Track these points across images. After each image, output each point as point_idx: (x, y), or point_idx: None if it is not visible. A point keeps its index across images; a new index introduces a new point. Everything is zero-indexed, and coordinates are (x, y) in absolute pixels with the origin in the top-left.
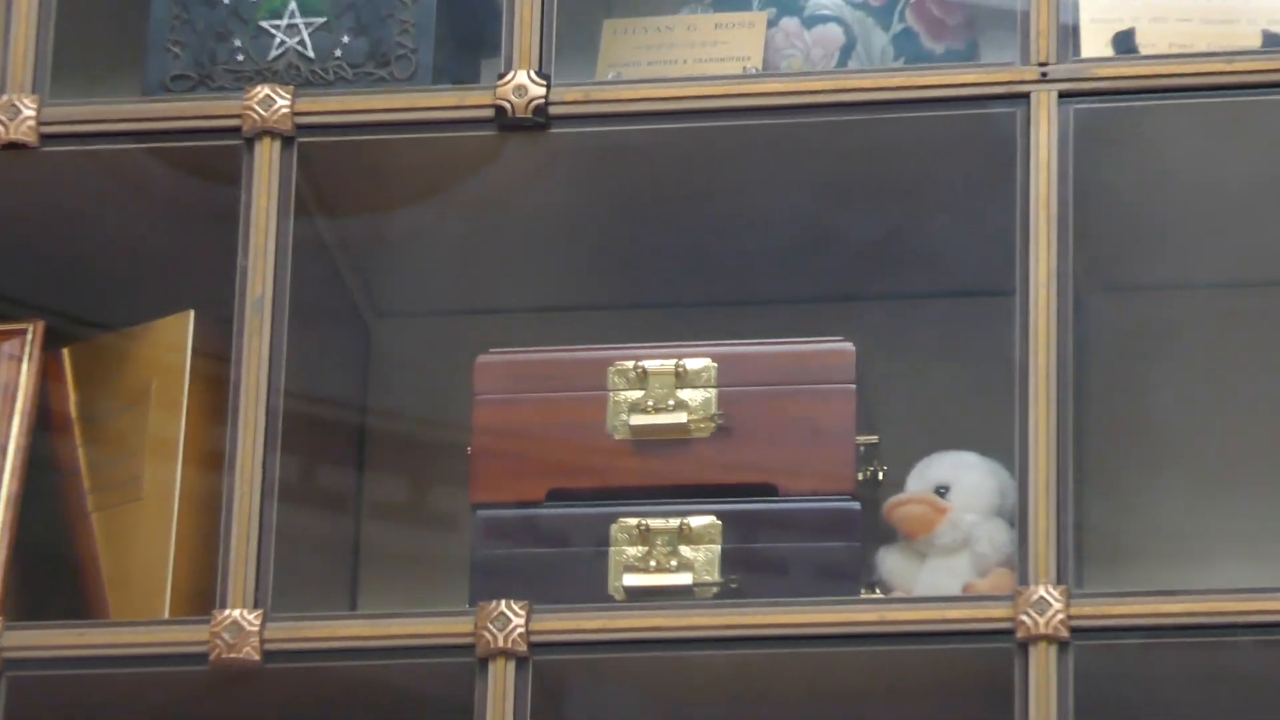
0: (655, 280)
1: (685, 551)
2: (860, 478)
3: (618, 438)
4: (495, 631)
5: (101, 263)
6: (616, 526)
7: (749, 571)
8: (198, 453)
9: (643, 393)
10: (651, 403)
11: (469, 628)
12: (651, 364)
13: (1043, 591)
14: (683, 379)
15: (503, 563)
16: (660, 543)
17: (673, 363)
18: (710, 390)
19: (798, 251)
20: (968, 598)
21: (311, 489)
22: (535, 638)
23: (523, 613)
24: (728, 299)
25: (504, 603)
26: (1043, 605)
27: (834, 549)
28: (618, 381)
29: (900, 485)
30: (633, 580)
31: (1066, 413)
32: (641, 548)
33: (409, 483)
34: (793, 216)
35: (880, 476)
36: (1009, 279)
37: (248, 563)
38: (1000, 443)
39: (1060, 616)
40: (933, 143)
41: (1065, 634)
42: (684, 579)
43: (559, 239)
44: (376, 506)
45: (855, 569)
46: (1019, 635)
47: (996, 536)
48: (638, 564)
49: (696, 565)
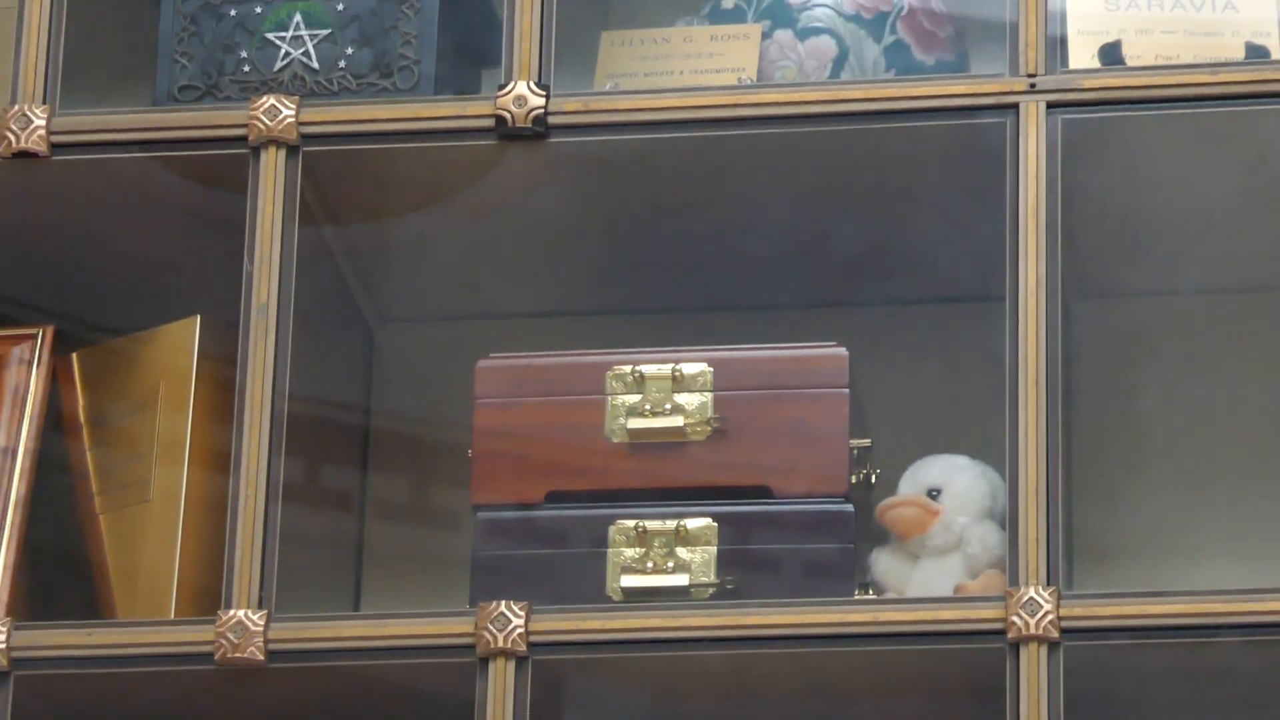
0: (652, 286)
1: (682, 553)
2: (853, 480)
3: (615, 440)
4: (495, 631)
5: (110, 269)
6: (614, 528)
7: (744, 572)
8: (204, 455)
9: (640, 396)
10: (649, 406)
11: (469, 628)
12: (649, 368)
13: (1033, 592)
14: (679, 383)
15: (502, 563)
16: (657, 544)
17: (670, 367)
18: (706, 394)
19: (792, 258)
20: (959, 599)
21: (315, 491)
22: (534, 637)
23: (522, 613)
24: (723, 305)
25: (504, 603)
26: (1033, 606)
27: (828, 550)
28: (616, 385)
29: (893, 488)
30: (630, 581)
31: (1056, 416)
32: (639, 549)
33: (411, 484)
34: (787, 224)
35: (873, 479)
36: (999, 285)
37: (253, 563)
38: (991, 446)
39: (1050, 617)
40: (923, 152)
41: (1055, 634)
42: (681, 580)
43: (558, 246)
44: (379, 508)
45: (849, 570)
46: (1010, 636)
47: (987, 538)
48: (635, 565)
49: (693, 566)
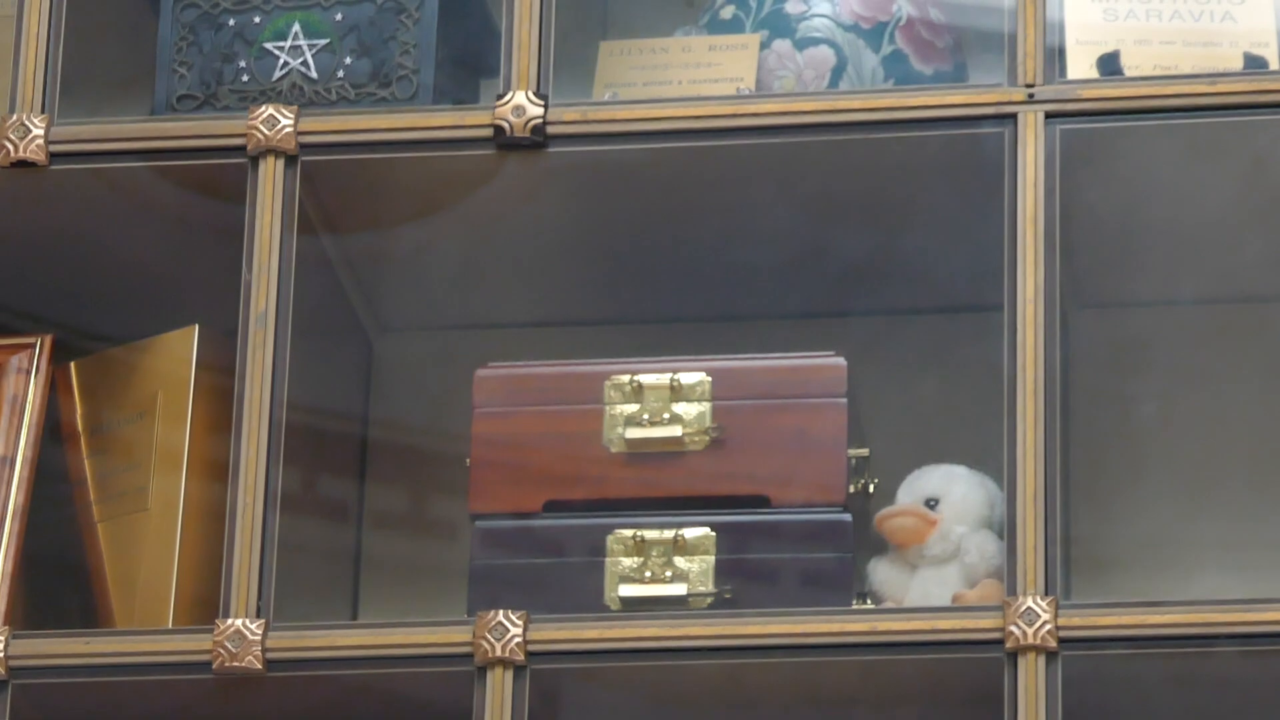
0: (651, 296)
1: (680, 562)
2: (851, 489)
3: (614, 450)
4: (493, 640)
5: (108, 278)
6: (612, 537)
7: (742, 582)
8: (202, 464)
9: (638, 406)
10: (647, 416)
11: (467, 637)
12: (647, 378)
13: (1031, 602)
14: (677, 392)
15: (500, 572)
16: (655, 553)
17: (668, 376)
18: (704, 404)
19: (790, 268)
20: (957, 608)
21: (313, 500)
22: (532, 647)
23: (520, 622)
24: (722, 314)
25: (502, 612)
26: (1031, 616)
27: (826, 560)
28: (614, 395)
29: (891, 497)
30: (628, 590)
31: (1054, 426)
32: (637, 558)
33: (409, 493)
34: (785, 233)
35: (871, 488)
36: (997, 295)
37: (250, 572)
38: (989, 455)
39: (1048, 627)
40: (922, 162)
41: (1053, 644)
42: (678, 589)
43: (556, 255)
44: (377, 517)
45: (847, 579)
46: (1008, 645)
47: (985, 547)
48: (633, 574)
49: (691, 576)
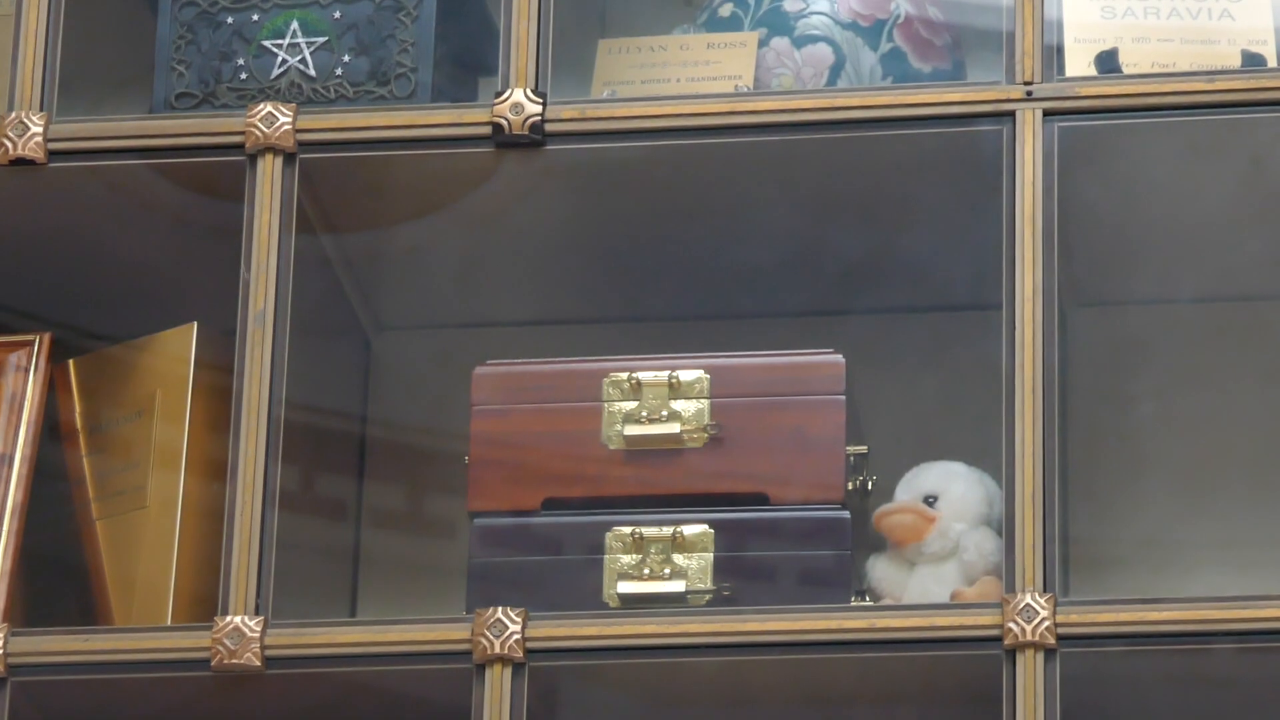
0: (649, 293)
1: (678, 559)
2: (850, 487)
3: (612, 447)
4: (492, 638)
5: (107, 276)
6: (611, 534)
7: (741, 579)
8: (201, 462)
9: (637, 403)
10: (645, 413)
11: (466, 634)
12: (645, 375)
13: (1029, 599)
14: (676, 390)
15: (499, 570)
16: (654, 551)
17: (666, 374)
18: (703, 401)
19: (789, 266)
20: (956, 605)
21: (312, 498)
22: (531, 644)
23: (519, 619)
24: (720, 312)
25: (500, 609)
26: (1030, 613)
27: (824, 557)
28: (612, 392)
29: (889, 494)
30: (627, 587)
31: (1052, 424)
32: (635, 555)
33: (408, 491)
34: (784, 231)
35: (870, 486)
36: (995, 293)
37: (249, 570)
38: (987, 453)
39: (1047, 624)
40: (920, 160)
41: (1052, 641)
42: (677, 586)
43: (555, 253)
44: (376, 515)
45: (845, 577)
46: (1006, 642)
47: (984, 545)
48: (632, 571)
49: (689, 573)
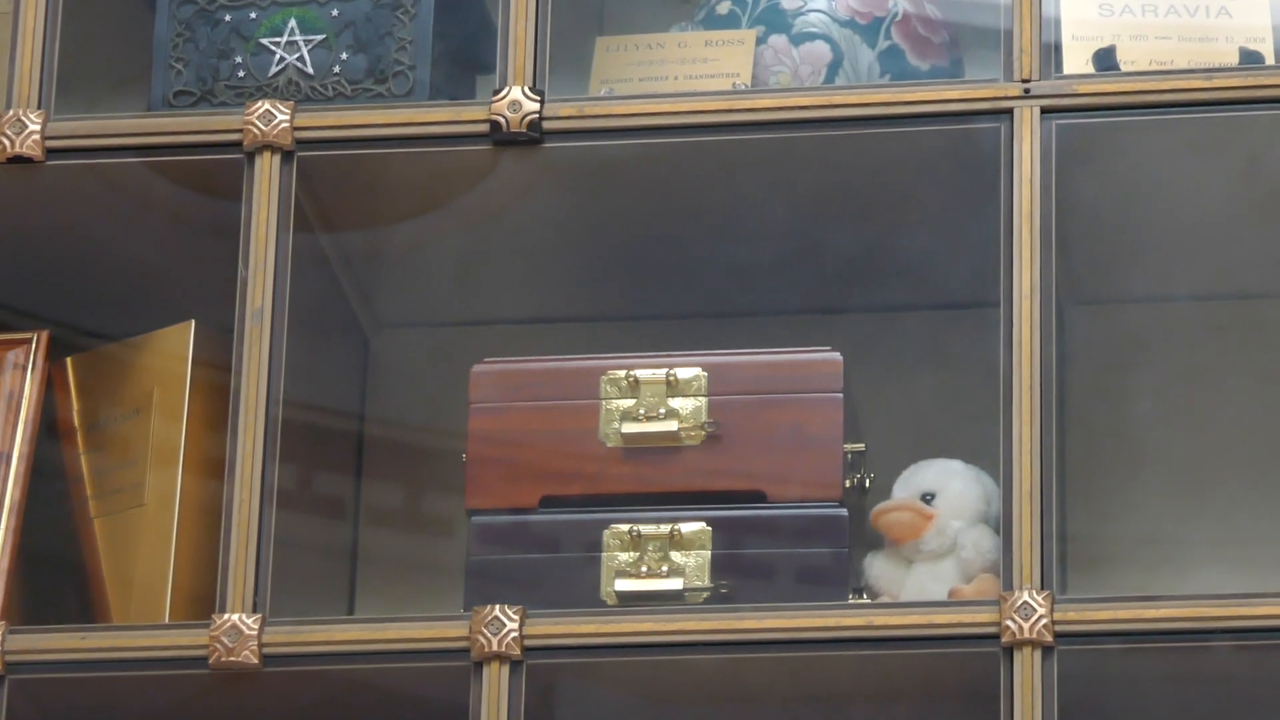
0: (647, 291)
1: (676, 557)
2: (847, 485)
3: (610, 445)
4: (490, 636)
5: (105, 274)
6: (608, 532)
7: (738, 577)
8: (198, 460)
9: (634, 401)
10: (643, 411)
11: (464, 632)
12: (643, 373)
13: (1027, 597)
14: (674, 388)
15: (497, 568)
16: (651, 548)
17: (664, 372)
18: (701, 399)
19: (786, 263)
20: (953, 603)
21: (310, 496)
22: (529, 642)
23: (516, 617)
24: (718, 310)
25: (498, 607)
26: (1027, 610)
27: (822, 555)
28: (610, 390)
29: (887, 492)
30: (624, 585)
31: (1050, 421)
32: (633, 553)
33: (405, 489)
34: (781, 229)
35: (867, 483)
36: (993, 291)
37: (247, 568)
38: (985, 450)
39: (1044, 621)
40: (918, 157)
41: (1049, 638)
42: (675, 584)
43: (553, 251)
44: (374, 513)
45: (843, 574)
46: (1004, 640)
47: (982, 542)
48: (629, 569)
49: (687, 570)
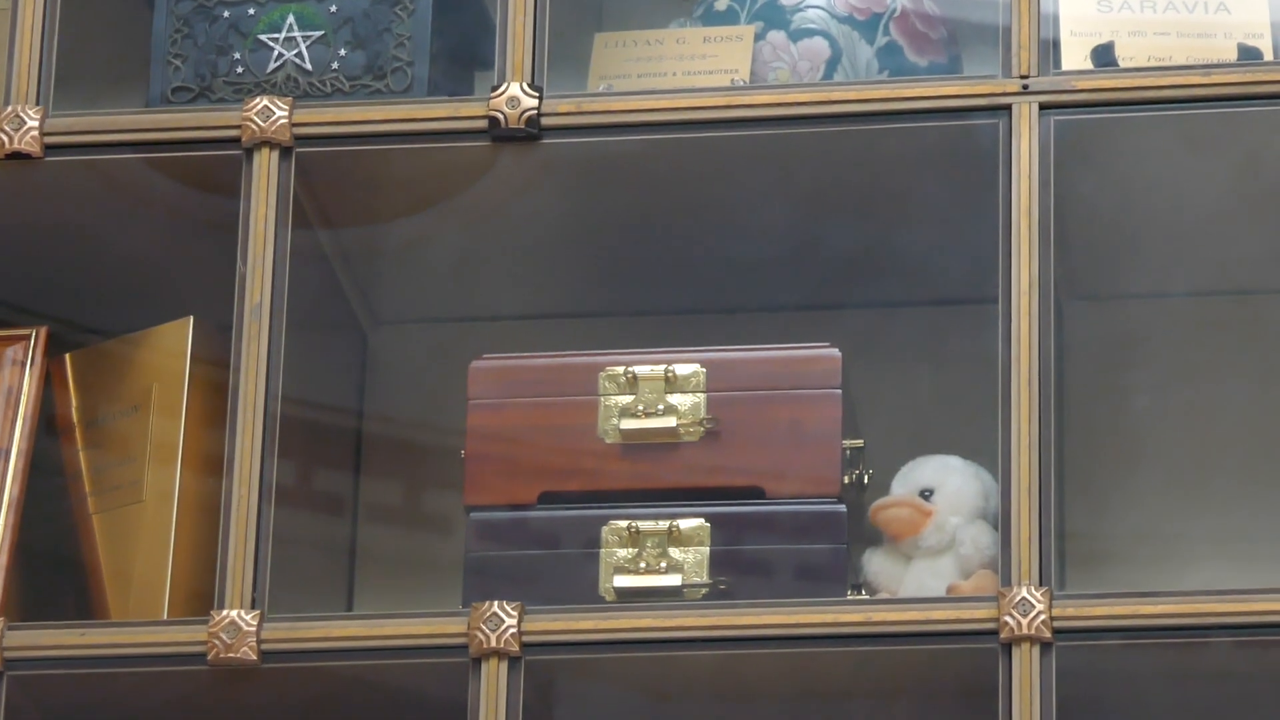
0: (645, 287)
1: (674, 553)
2: (846, 481)
3: (608, 441)
4: (488, 632)
5: (103, 270)
6: (607, 528)
7: (737, 573)
8: (197, 456)
9: (633, 397)
10: (642, 407)
11: (463, 628)
12: (642, 369)
13: (1025, 593)
14: (672, 384)
15: (495, 564)
16: (650, 544)
17: (662, 368)
18: (699, 395)
19: (785, 259)
20: (952, 599)
21: (308, 492)
22: (527, 638)
23: (515, 613)
24: (716, 306)
25: (497, 603)
26: (1025, 606)
27: (820, 551)
28: (608, 386)
29: (885, 488)
30: (623, 581)
31: (1048, 418)
32: (631, 549)
33: (404, 486)
34: (780, 225)
35: (866, 480)
36: (991, 287)
37: (245, 564)
38: (983, 447)
39: (1043, 617)
40: (916, 153)
41: (1048, 635)
42: (673, 580)
43: (551, 247)
44: (372, 509)
45: (841, 570)
46: (1002, 636)
47: (980, 539)
48: (628, 565)
49: (685, 567)
